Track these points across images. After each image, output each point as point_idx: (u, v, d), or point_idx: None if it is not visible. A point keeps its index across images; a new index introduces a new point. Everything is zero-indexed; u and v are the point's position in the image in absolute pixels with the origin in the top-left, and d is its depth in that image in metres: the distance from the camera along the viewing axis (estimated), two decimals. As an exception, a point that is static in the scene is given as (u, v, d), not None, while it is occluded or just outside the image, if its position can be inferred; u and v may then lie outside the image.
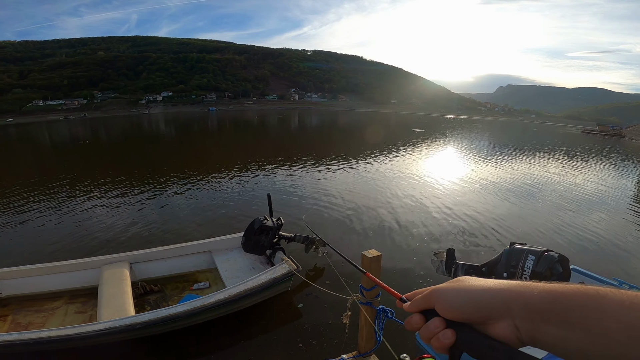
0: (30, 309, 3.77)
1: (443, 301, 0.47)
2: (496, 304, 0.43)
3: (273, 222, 4.57)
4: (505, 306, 0.42)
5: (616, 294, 0.37)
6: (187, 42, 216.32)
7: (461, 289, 0.47)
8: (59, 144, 26.99)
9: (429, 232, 6.64)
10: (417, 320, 0.50)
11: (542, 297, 0.40)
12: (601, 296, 0.37)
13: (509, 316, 0.42)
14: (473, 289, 0.46)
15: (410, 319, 0.52)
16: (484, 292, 0.45)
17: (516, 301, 0.41)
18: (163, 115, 76.65)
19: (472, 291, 0.46)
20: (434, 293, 0.49)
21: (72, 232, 6.47)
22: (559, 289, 0.40)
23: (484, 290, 0.45)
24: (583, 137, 46.48)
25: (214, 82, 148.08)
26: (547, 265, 2.82)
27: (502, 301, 0.42)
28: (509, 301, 0.42)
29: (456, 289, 0.48)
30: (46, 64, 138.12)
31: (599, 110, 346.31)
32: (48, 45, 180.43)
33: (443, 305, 0.47)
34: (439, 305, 0.48)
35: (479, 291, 0.45)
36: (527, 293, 0.41)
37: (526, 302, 0.41)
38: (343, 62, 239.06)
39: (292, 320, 3.99)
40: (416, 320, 0.50)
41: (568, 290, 0.39)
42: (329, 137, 30.24)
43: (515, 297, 0.42)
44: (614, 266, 5.55)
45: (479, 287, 0.46)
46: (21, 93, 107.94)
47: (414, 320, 0.51)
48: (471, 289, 0.46)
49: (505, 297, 0.42)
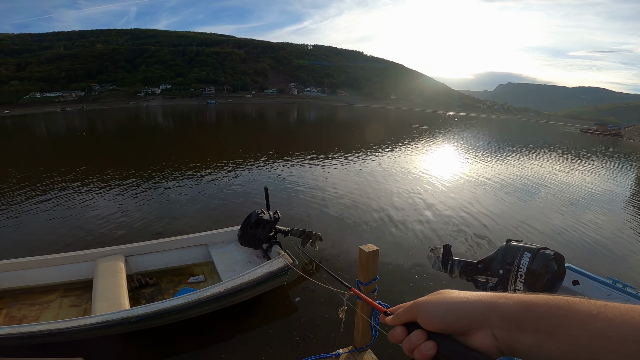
0: (24, 302, 3.75)
1: (425, 313, 0.49)
2: (474, 314, 0.44)
3: (270, 216, 4.55)
4: (483, 316, 0.44)
5: (584, 304, 0.38)
6: (186, 35, 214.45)
7: (442, 300, 0.49)
8: (56, 135, 26.81)
9: (426, 228, 6.64)
10: (400, 333, 0.51)
11: (516, 306, 0.42)
12: (570, 305, 0.38)
13: (487, 325, 0.43)
14: (453, 301, 0.48)
15: (393, 332, 0.53)
16: (463, 303, 0.46)
17: (493, 310, 0.43)
18: (161, 108, 76.24)
19: (452, 302, 0.47)
20: (416, 306, 0.51)
21: (67, 225, 6.43)
22: (532, 299, 0.42)
23: (463, 301, 0.47)
24: (581, 137, 46.59)
25: (213, 75, 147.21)
26: (543, 263, 2.82)
27: (480, 311, 0.44)
28: (486, 311, 0.44)
29: (437, 300, 0.49)
30: (44, 56, 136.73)
31: (598, 109, 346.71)
32: (46, 37, 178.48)
33: (425, 316, 0.49)
34: (421, 317, 0.49)
35: (458, 302, 0.47)
36: (503, 303, 0.43)
37: (501, 311, 0.43)
38: (343, 57, 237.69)
39: (288, 315, 3.99)
40: (398, 332, 0.51)
41: (540, 300, 0.41)
42: (328, 131, 30.16)
43: (492, 307, 0.44)
44: (609, 265, 5.57)
45: (459, 298, 0.48)
46: (18, 85, 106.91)
47: (396, 333, 0.52)
48: (451, 301, 0.48)
49: (482, 307, 0.44)
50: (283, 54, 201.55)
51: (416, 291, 4.48)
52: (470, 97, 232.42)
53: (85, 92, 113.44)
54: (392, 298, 4.20)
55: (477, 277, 3.32)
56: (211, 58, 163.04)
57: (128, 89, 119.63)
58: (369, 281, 2.64)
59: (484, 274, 3.26)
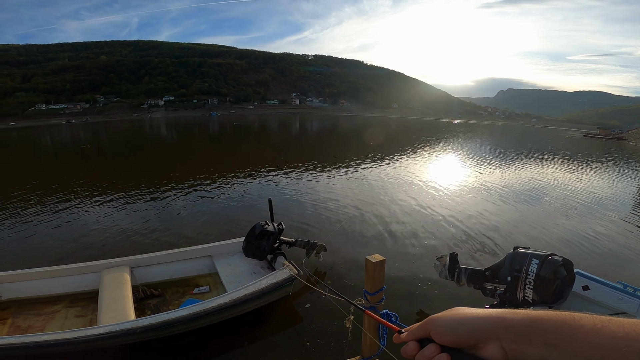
0: (30, 312, 3.75)
1: (438, 327, 0.52)
2: (484, 327, 0.47)
3: (274, 227, 4.55)
4: (492, 329, 0.47)
5: (589, 319, 0.40)
6: (188, 47, 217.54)
7: (454, 315, 0.52)
8: (61, 147, 27.09)
9: (432, 236, 6.61)
10: (412, 348, 0.54)
11: (523, 320, 0.45)
12: (576, 320, 0.41)
13: (496, 338, 0.46)
14: (465, 316, 0.51)
15: (406, 347, 0.55)
16: (474, 317, 0.50)
17: (501, 324, 0.46)
18: (165, 120, 77.03)
19: (464, 317, 0.51)
20: (430, 321, 0.54)
21: (72, 236, 6.46)
22: (539, 314, 0.44)
23: (474, 316, 0.50)
24: (584, 141, 46.43)
25: (216, 86, 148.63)
26: (551, 269, 2.80)
27: (489, 325, 0.47)
28: (495, 324, 0.47)
29: (450, 315, 0.52)
30: (49, 67, 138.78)
31: (599, 113, 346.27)
32: (51, 49, 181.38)
33: (438, 330, 0.52)
34: (434, 331, 0.52)
35: (470, 317, 0.50)
36: (511, 317, 0.46)
37: (510, 325, 0.45)
38: (344, 67, 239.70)
39: (293, 325, 3.96)
40: (411, 347, 0.54)
41: (547, 315, 0.44)
42: (330, 142, 30.32)
43: (501, 321, 0.46)
44: (619, 269, 5.50)
45: (470, 314, 0.51)
46: (24, 96, 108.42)
47: (409, 348, 0.54)
48: (463, 316, 0.51)
49: (492, 321, 0.47)
50: (284, 64, 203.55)
51: (423, 300, 4.44)
52: (472, 103, 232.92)
53: (89, 104, 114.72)
54: (400, 307, 4.17)
55: (484, 284, 3.30)
56: (213, 69, 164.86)
57: (132, 101, 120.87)
58: (376, 291, 2.63)
59: (491, 282, 3.24)
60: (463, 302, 4.17)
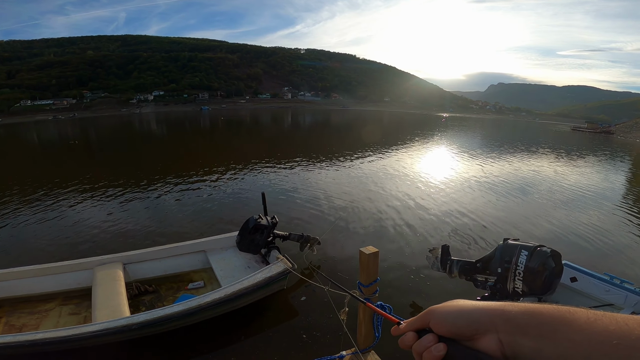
0: (23, 310, 3.72)
1: (437, 317, 0.53)
2: (482, 319, 0.48)
3: (268, 221, 4.57)
4: (489, 320, 0.48)
5: (584, 312, 0.42)
6: (178, 41, 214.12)
7: (453, 306, 0.53)
8: (48, 144, 26.54)
9: (424, 228, 6.69)
10: (410, 338, 0.55)
11: (521, 313, 0.46)
12: (571, 313, 0.42)
13: (493, 330, 0.47)
14: (464, 307, 0.52)
15: (404, 337, 0.56)
16: (473, 308, 0.51)
17: (499, 316, 0.47)
18: (154, 115, 75.82)
19: (463, 308, 0.52)
20: (429, 312, 0.55)
21: (63, 234, 6.38)
22: (536, 307, 0.46)
23: (473, 307, 0.51)
24: (572, 135, 47.18)
25: (206, 81, 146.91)
26: (540, 260, 2.87)
27: (487, 316, 0.48)
28: (493, 316, 0.48)
29: (449, 307, 0.54)
30: (34, 63, 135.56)
31: (588, 108, 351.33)
32: (36, 44, 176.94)
33: (437, 320, 0.53)
34: (434, 322, 0.53)
35: (469, 308, 0.51)
36: (509, 310, 0.47)
37: (507, 317, 0.47)
38: (336, 61, 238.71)
39: (288, 319, 3.99)
40: (409, 337, 0.55)
41: (544, 308, 0.45)
42: (322, 136, 30.25)
43: (499, 313, 0.48)
44: (606, 261, 5.65)
45: (469, 305, 0.52)
46: (9, 93, 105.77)
47: (407, 338, 0.55)
48: (463, 307, 0.52)
49: (490, 313, 0.48)
50: (276, 58, 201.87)
51: (416, 292, 4.51)
52: (463, 97, 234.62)
53: (76, 99, 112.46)
54: (393, 298, 4.23)
55: (476, 276, 3.37)
56: (204, 64, 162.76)
57: (120, 96, 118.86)
58: (370, 283, 2.66)
59: (482, 273, 3.31)
60: (455, 293, 4.25)
